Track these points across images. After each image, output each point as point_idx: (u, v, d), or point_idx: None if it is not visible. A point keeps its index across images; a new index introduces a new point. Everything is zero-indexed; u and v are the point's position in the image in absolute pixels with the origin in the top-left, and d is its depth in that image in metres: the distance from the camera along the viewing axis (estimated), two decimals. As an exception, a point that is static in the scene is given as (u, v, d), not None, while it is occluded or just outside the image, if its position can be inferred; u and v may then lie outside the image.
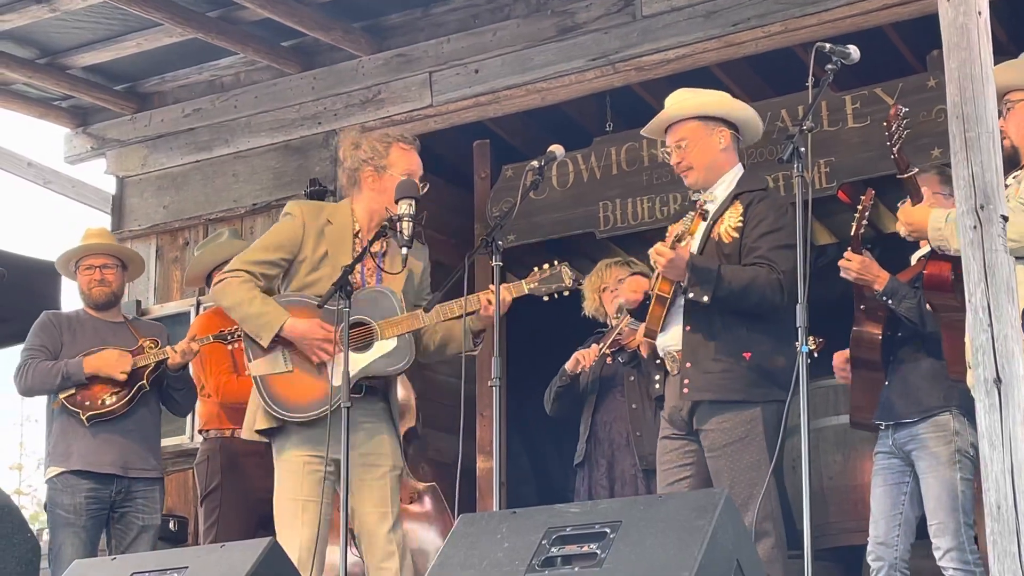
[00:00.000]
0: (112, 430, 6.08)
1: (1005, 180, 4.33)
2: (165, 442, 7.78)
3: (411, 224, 5.08)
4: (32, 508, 15.68)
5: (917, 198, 4.76)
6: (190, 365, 6.31)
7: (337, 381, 4.87)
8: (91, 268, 6.30)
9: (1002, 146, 4.36)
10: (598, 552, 3.53)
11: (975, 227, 3.77)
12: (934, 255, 4.65)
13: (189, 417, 7.68)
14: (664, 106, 5.27)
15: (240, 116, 8.08)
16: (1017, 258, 4.13)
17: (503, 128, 8.15)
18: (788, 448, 7.12)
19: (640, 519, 3.57)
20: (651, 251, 4.96)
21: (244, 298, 5.01)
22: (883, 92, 6.94)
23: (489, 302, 4.96)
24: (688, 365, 4.96)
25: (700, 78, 7.42)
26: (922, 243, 5.25)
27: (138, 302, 8.14)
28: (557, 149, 5.21)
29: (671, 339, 5.04)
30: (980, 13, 3.85)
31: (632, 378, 6.20)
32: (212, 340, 6.11)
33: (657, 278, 5.03)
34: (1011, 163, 4.49)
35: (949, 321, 4.63)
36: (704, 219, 5.01)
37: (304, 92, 7.90)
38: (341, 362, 4.82)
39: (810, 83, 4.33)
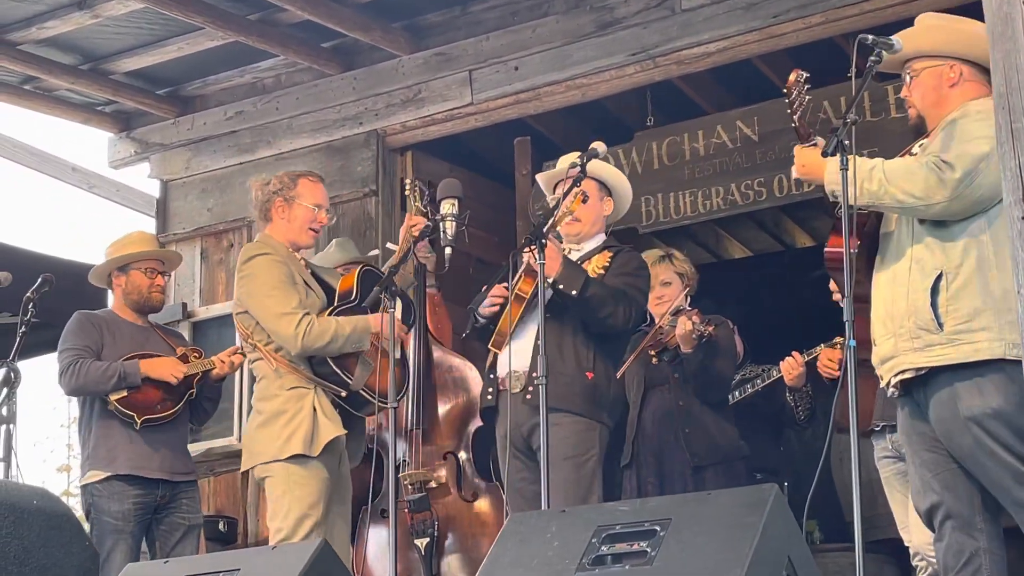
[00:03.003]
0: (157, 435, 6.11)
1: (911, 148, 4.32)
2: (213, 443, 7.87)
3: (455, 224, 5.18)
4: (80, 510, 15.79)
5: None
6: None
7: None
8: (153, 272, 6.32)
9: (908, 116, 4.38)
10: (648, 550, 3.52)
11: (1023, 218, 3.74)
12: (837, 226, 4.40)
13: (237, 418, 7.73)
14: (567, 159, 5.53)
15: (282, 118, 8.11)
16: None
17: (544, 125, 8.15)
18: (835, 442, 7.08)
19: (690, 516, 3.56)
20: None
21: (333, 329, 5.41)
22: (926, 81, 6.88)
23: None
24: (534, 375, 5.14)
25: (741, 70, 7.42)
26: None
27: (184, 304, 8.19)
28: (599, 146, 5.26)
29: (518, 358, 5.23)
30: (1025, 2, 3.81)
31: (677, 375, 6.19)
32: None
33: (519, 278, 5.24)
34: (918, 132, 4.47)
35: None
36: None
37: (345, 93, 7.92)
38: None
39: (852, 75, 4.30)
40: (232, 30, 7.37)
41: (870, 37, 4.27)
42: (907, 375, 4.24)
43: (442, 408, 6.63)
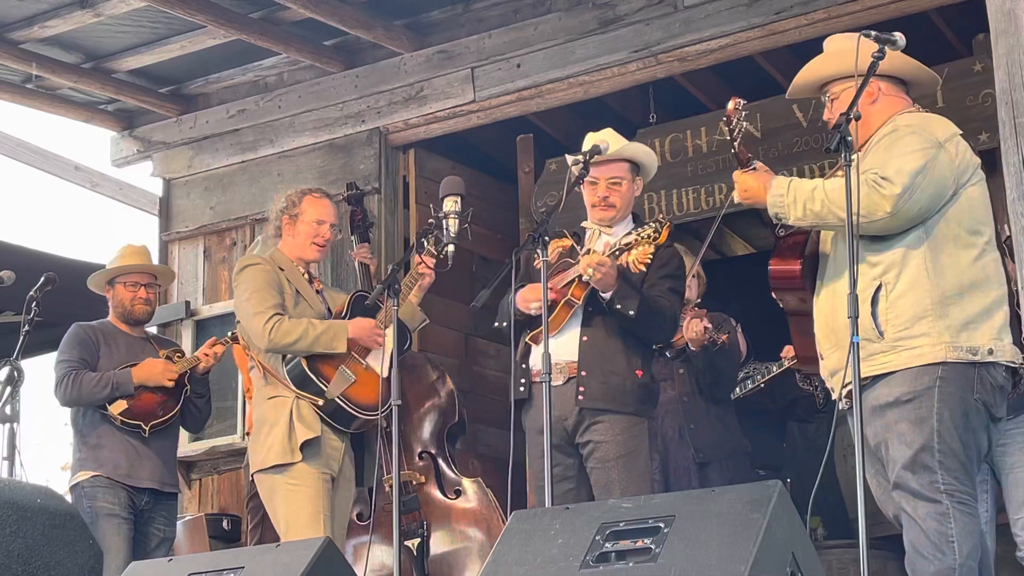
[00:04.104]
0: (156, 443, 6.15)
1: (841, 165, 4.33)
2: (218, 441, 7.87)
3: (457, 221, 5.19)
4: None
5: None
6: (239, 371, 6.41)
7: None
8: (136, 285, 6.38)
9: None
10: (652, 547, 3.52)
11: (1026, 214, 3.74)
12: (779, 247, 4.54)
13: (240, 416, 7.74)
14: (596, 137, 5.39)
15: (284, 116, 8.11)
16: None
17: (546, 122, 8.15)
18: (839, 438, 7.10)
19: (694, 513, 3.56)
20: (588, 260, 5.09)
21: (303, 327, 5.60)
22: (928, 77, 6.88)
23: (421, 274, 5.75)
24: (583, 374, 5.14)
25: (743, 67, 7.41)
26: None
27: (187, 303, 8.19)
28: (602, 143, 5.22)
29: (561, 351, 5.14)
30: (1028, -2, 3.81)
31: (682, 371, 6.19)
32: (230, 341, 6.28)
33: (571, 283, 5.15)
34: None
35: (797, 320, 4.58)
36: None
37: (347, 90, 7.92)
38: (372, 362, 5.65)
39: (855, 72, 4.29)
40: (234, 28, 7.37)
41: (872, 32, 4.26)
42: (852, 386, 4.26)
43: (414, 408, 6.64)
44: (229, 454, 7.81)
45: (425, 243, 5.65)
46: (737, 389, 6.47)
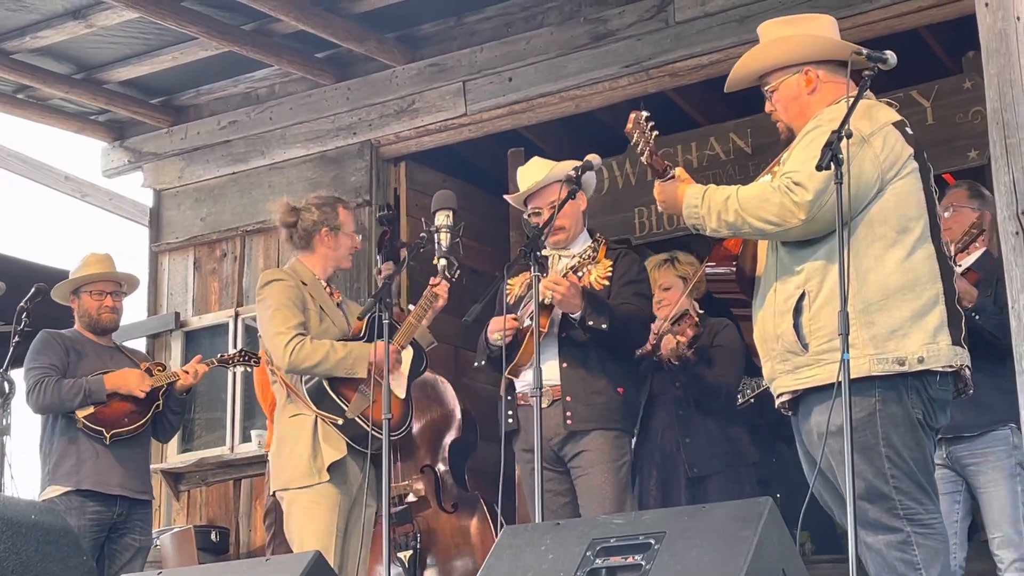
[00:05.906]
0: (122, 451, 6.10)
1: (779, 159, 4.31)
2: (207, 453, 7.87)
3: (449, 235, 5.18)
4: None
5: None
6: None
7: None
8: (102, 294, 6.32)
9: (778, 130, 4.37)
10: (643, 563, 3.51)
11: (1017, 233, 3.75)
12: (714, 252, 4.50)
13: (230, 428, 7.73)
14: (525, 174, 5.47)
15: (275, 128, 8.12)
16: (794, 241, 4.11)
17: (537, 136, 8.16)
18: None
19: (684, 530, 3.56)
20: (544, 283, 5.08)
21: (326, 350, 5.42)
22: (919, 94, 6.92)
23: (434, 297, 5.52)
24: (568, 399, 5.24)
25: (734, 83, 7.42)
26: (958, 257, 5.13)
27: (176, 314, 8.19)
28: (594, 158, 5.24)
29: (543, 376, 5.02)
30: (1019, 18, 3.83)
31: (678, 385, 6.18)
32: (217, 364, 6.25)
33: (538, 312, 5.07)
34: (790, 144, 4.40)
35: (742, 313, 4.61)
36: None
37: (339, 103, 7.93)
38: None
39: (847, 88, 4.28)
40: (226, 40, 7.38)
41: (864, 51, 4.26)
42: (785, 398, 4.22)
43: (416, 423, 6.63)
44: (218, 465, 7.81)
45: (439, 266, 5.56)
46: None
